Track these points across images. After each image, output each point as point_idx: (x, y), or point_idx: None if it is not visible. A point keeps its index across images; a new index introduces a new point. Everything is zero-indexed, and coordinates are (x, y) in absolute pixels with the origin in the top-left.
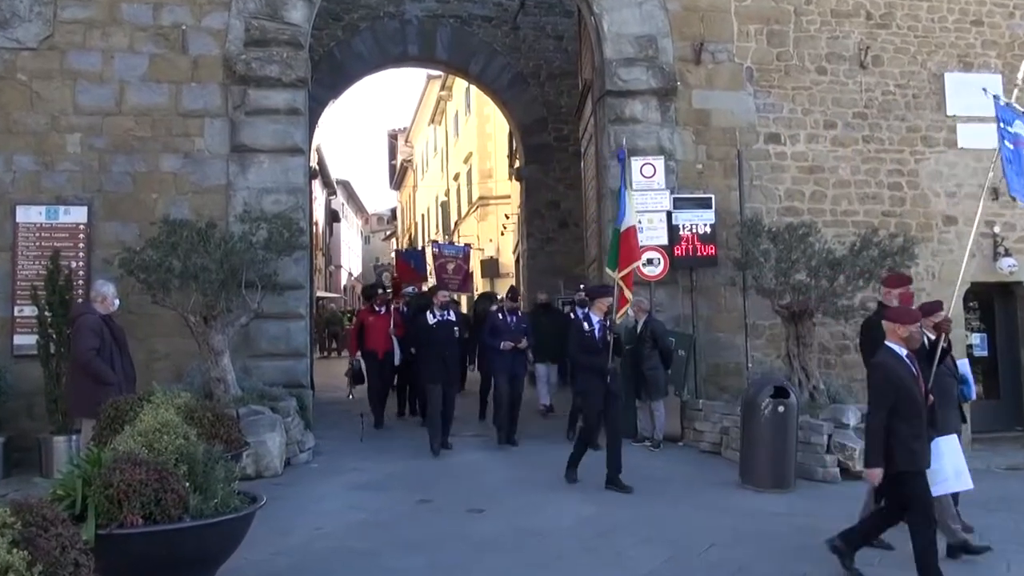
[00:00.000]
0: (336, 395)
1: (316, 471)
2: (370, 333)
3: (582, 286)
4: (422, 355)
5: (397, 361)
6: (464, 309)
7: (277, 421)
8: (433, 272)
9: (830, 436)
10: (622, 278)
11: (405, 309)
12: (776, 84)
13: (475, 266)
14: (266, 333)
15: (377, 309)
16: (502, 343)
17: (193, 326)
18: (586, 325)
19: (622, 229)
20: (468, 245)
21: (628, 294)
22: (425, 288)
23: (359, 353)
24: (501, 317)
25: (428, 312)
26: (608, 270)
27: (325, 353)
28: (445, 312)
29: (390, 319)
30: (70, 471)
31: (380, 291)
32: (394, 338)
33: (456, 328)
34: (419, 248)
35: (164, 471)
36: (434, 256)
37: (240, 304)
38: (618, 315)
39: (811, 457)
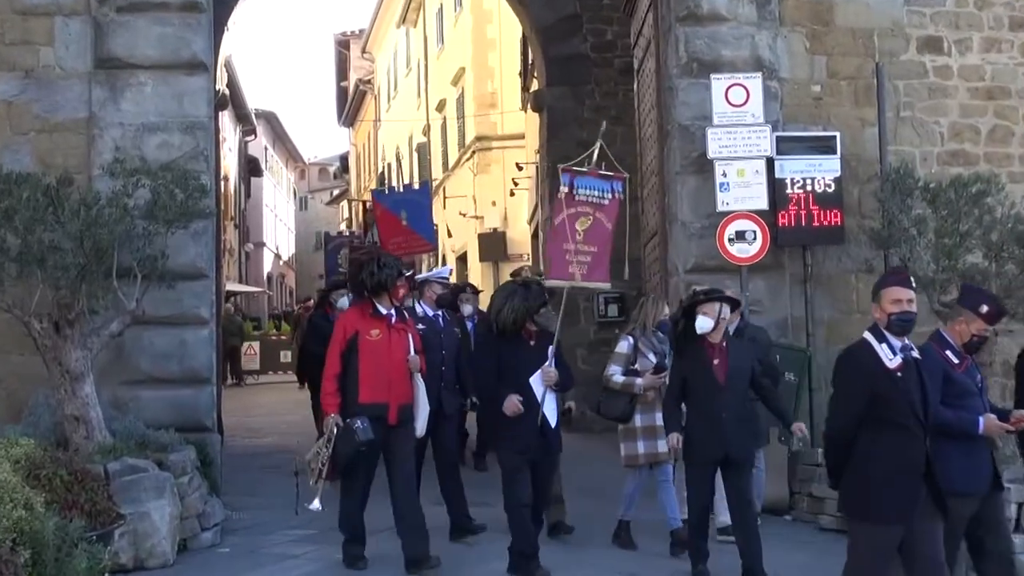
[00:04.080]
0: (257, 440)
1: (226, 559)
2: (372, 366)
3: (695, 289)
4: (489, 408)
5: (422, 430)
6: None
7: (167, 482)
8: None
9: (1022, 507)
10: None
11: (437, 316)
12: None
13: (468, 242)
14: (150, 347)
15: (383, 313)
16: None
17: (38, 336)
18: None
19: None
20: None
21: None
22: (436, 271)
23: (336, 414)
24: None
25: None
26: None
27: (234, 379)
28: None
29: (408, 337)
30: None
31: (399, 274)
32: (418, 379)
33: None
34: (421, 184)
35: None
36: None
37: (110, 303)
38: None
39: None
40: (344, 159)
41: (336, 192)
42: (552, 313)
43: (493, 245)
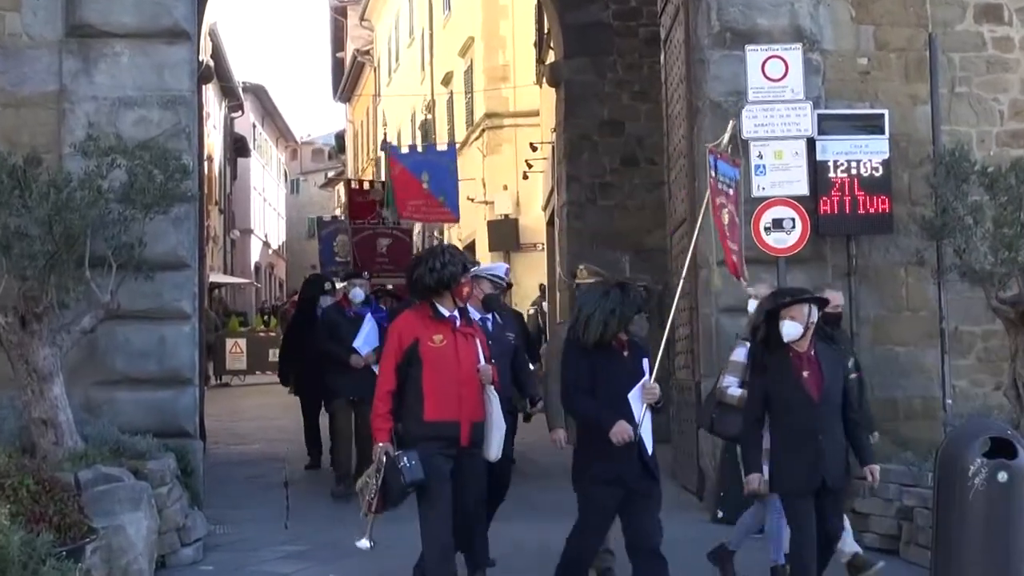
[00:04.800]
0: (244, 447)
1: None
2: (437, 379)
3: (780, 288)
4: (590, 432)
5: (496, 453)
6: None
7: (143, 493)
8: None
9: None
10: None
11: (487, 319)
12: None
13: (476, 230)
14: (126, 344)
15: (446, 316)
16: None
17: (2, 332)
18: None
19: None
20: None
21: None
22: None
23: (392, 439)
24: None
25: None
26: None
27: (216, 379)
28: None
29: (476, 343)
30: None
31: (464, 269)
32: (490, 392)
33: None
34: (448, 146)
35: None
36: None
37: (82, 295)
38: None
39: None
40: (340, 138)
41: (331, 174)
42: (644, 319)
43: (504, 233)
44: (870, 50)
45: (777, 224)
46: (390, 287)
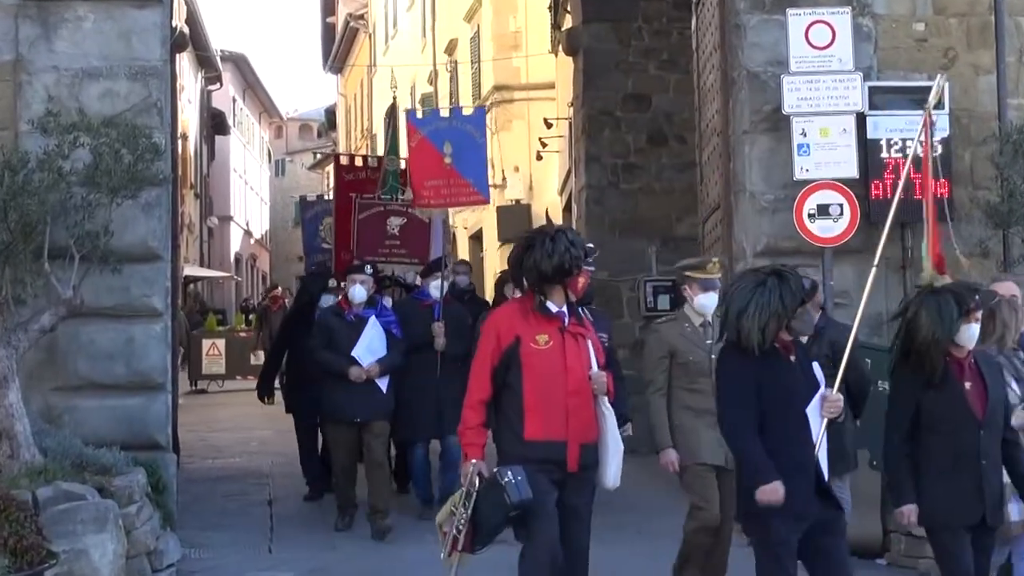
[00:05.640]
0: (222, 462)
1: None
2: (541, 388)
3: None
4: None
5: (614, 480)
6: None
7: (109, 513)
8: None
9: None
10: None
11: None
12: None
13: (484, 216)
14: (89, 346)
15: (554, 312)
16: None
17: None
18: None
19: None
20: None
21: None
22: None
23: (481, 459)
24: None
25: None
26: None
27: (191, 385)
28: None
29: (588, 345)
30: None
31: (585, 255)
32: (604, 404)
33: None
34: (475, 110)
35: None
36: None
37: (40, 290)
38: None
39: None
40: (330, 113)
41: (320, 155)
42: (808, 314)
43: (515, 221)
44: (927, 14)
45: (823, 210)
46: (395, 274)
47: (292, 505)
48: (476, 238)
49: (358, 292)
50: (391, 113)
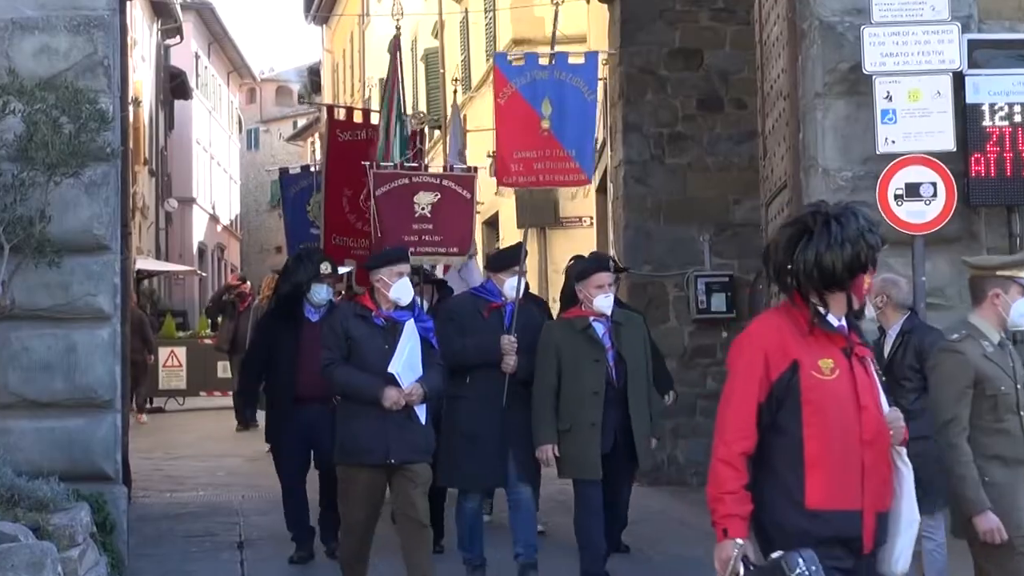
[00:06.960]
0: (181, 495)
1: None
2: (829, 436)
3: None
4: None
5: (904, 567)
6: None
7: (47, 557)
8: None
9: None
10: None
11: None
12: None
13: (500, 199)
14: (23, 355)
15: (835, 326)
16: None
17: None
18: None
19: None
20: None
21: None
22: None
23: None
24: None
25: None
26: None
27: (147, 403)
28: None
29: (873, 371)
30: None
31: (875, 240)
32: (901, 457)
33: None
34: (586, 57)
35: None
36: None
37: None
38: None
39: None
40: (314, 73)
41: (302, 123)
42: None
43: (537, 204)
44: None
45: (912, 190)
46: (430, 268)
47: (267, 548)
48: (491, 224)
49: (404, 289)
50: (393, 53)
